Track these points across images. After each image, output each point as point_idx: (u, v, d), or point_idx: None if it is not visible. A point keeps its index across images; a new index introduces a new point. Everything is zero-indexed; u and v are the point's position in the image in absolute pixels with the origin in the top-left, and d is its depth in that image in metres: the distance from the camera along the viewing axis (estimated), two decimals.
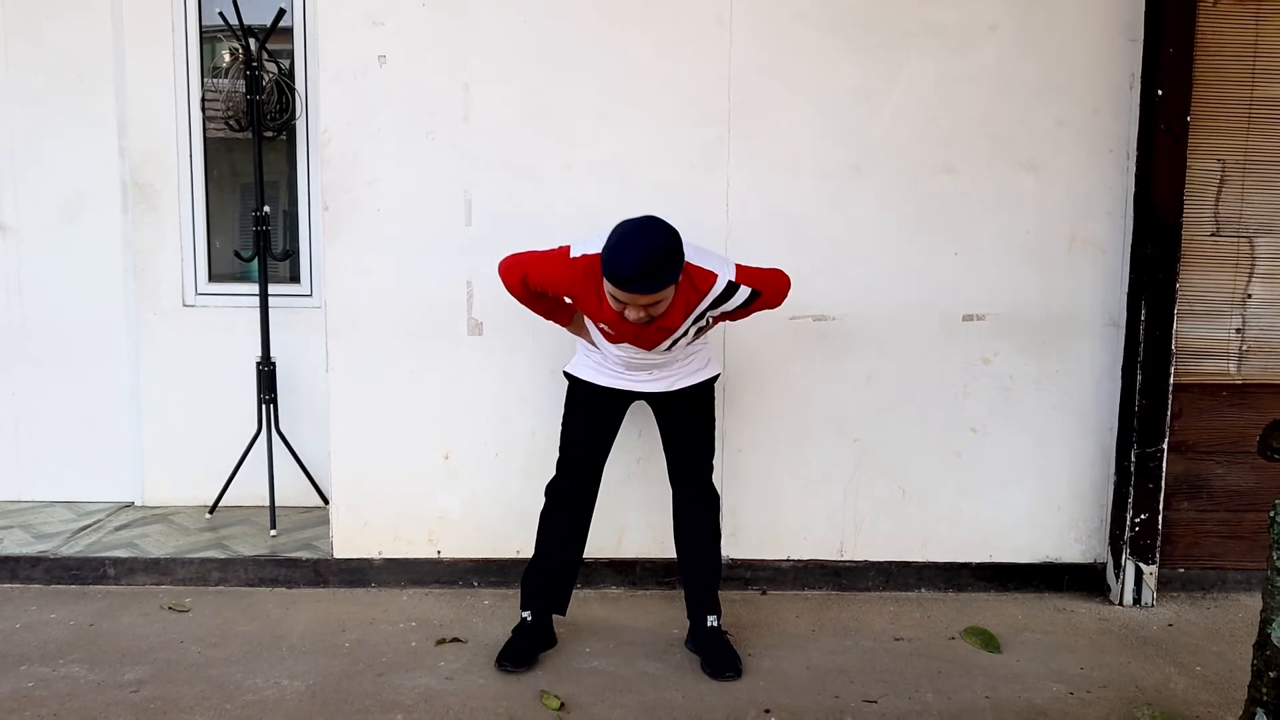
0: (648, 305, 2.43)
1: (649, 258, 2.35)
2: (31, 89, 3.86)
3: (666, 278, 2.39)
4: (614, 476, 3.32)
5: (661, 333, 2.62)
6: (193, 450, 3.98)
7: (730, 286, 2.58)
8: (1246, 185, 3.26)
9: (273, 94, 3.79)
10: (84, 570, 3.42)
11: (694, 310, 2.59)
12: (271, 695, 2.68)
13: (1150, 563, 3.31)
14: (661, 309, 2.48)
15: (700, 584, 2.92)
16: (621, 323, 2.56)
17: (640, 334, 2.62)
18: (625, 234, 2.41)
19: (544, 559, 2.92)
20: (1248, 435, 3.32)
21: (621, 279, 2.37)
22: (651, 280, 2.37)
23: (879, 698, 2.71)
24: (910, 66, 3.23)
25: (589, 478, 2.90)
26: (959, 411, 3.37)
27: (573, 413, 2.90)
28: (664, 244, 2.39)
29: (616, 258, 2.38)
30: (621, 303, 2.44)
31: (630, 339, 2.66)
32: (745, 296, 2.61)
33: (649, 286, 2.37)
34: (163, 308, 3.95)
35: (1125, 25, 3.23)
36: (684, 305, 2.56)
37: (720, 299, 2.59)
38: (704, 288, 2.56)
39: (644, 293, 2.39)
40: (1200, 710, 2.65)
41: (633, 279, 2.36)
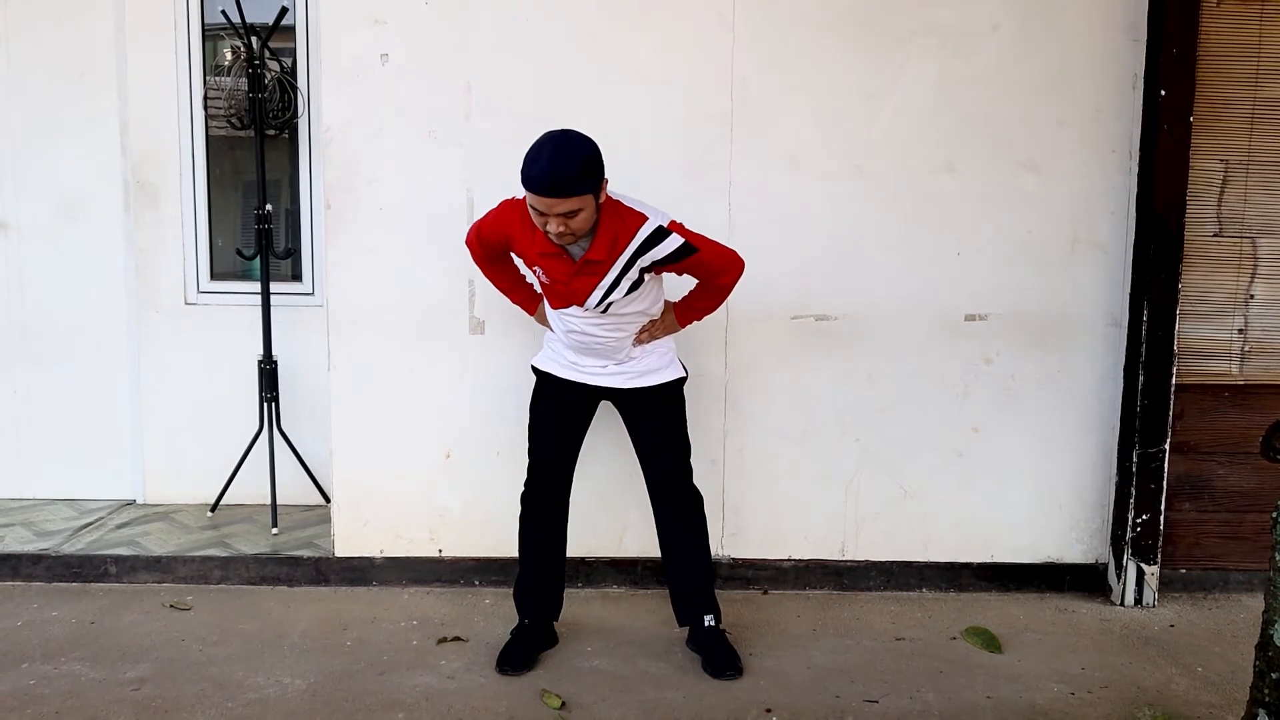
0: (565, 215, 2.43)
1: (561, 162, 2.37)
2: (33, 87, 3.86)
3: (580, 185, 2.39)
4: (614, 476, 3.33)
5: (592, 273, 2.58)
6: (194, 448, 3.98)
7: (659, 231, 2.54)
8: (1249, 186, 3.26)
9: (275, 92, 3.79)
10: (85, 568, 3.42)
11: (622, 251, 2.55)
12: (273, 694, 2.68)
13: (1152, 563, 3.31)
14: (582, 224, 2.46)
15: (691, 586, 2.90)
16: (554, 260, 2.56)
17: (573, 278, 2.59)
18: (543, 140, 2.44)
19: (529, 569, 2.92)
20: (1250, 436, 3.32)
21: (535, 181, 2.39)
22: (561, 184, 2.37)
23: (880, 697, 2.71)
24: (912, 66, 3.23)
25: (559, 478, 2.89)
26: (960, 411, 3.37)
27: (537, 409, 2.90)
28: (578, 147, 2.42)
29: (531, 161, 2.41)
30: (543, 216, 2.45)
31: (565, 284, 2.62)
32: (676, 246, 2.56)
33: (560, 191, 2.38)
34: (164, 306, 3.95)
35: (1128, 25, 3.22)
36: (610, 240, 2.53)
37: (648, 243, 2.55)
38: (632, 226, 2.54)
39: (556, 195, 2.39)
40: (1202, 711, 2.65)
41: (545, 181, 2.37)
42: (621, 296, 2.64)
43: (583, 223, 2.48)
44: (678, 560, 2.90)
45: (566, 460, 2.90)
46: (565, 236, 2.49)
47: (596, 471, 3.26)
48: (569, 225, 2.46)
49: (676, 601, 2.93)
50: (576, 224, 2.46)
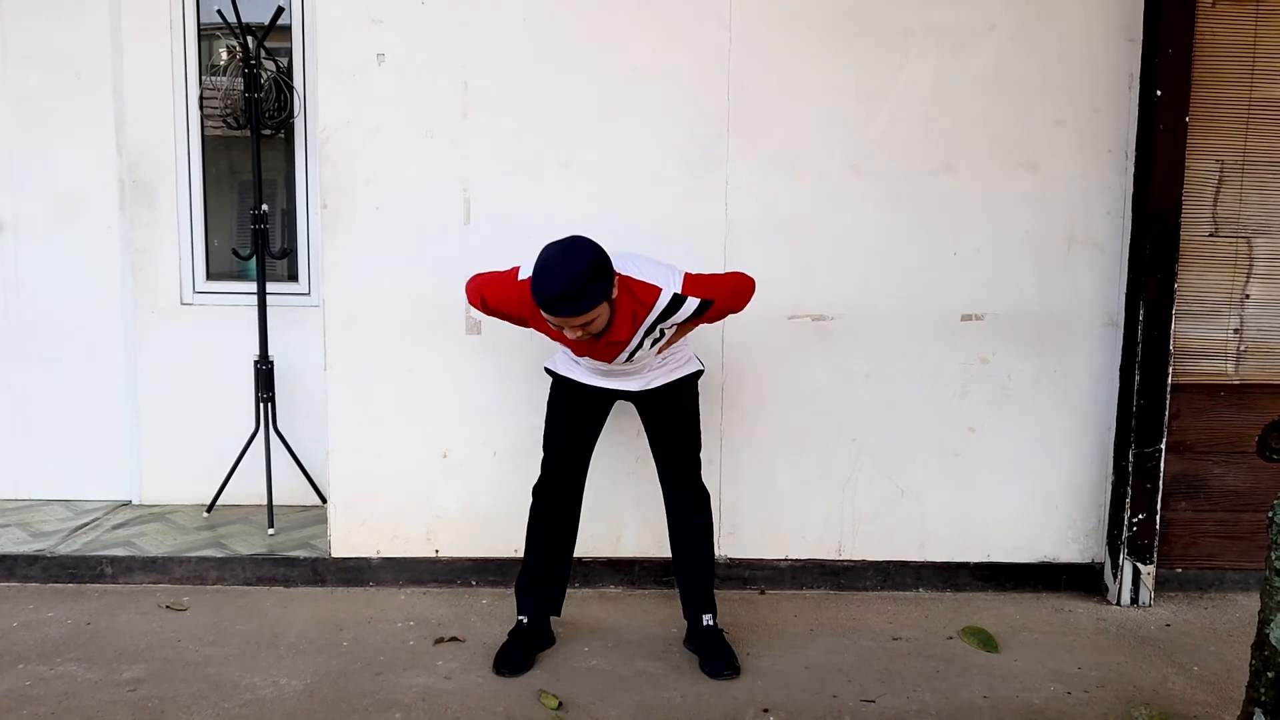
0: (581, 325, 2.44)
1: (570, 282, 2.35)
2: (29, 87, 3.85)
3: (590, 299, 2.38)
4: (612, 476, 3.33)
5: (614, 347, 2.64)
6: (190, 449, 3.97)
7: (676, 299, 2.55)
8: (1245, 186, 3.27)
9: (271, 92, 3.78)
10: (81, 569, 3.41)
11: (642, 323, 2.58)
12: (269, 694, 2.67)
13: (1148, 562, 3.31)
14: (598, 326, 2.48)
15: (694, 583, 2.92)
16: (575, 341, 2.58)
17: (595, 348, 2.64)
18: (547, 259, 2.41)
19: (534, 562, 2.92)
20: (1245, 435, 3.32)
21: (546, 304, 2.39)
22: (574, 303, 2.37)
23: (877, 697, 2.71)
24: (909, 66, 3.24)
25: (573, 476, 2.91)
26: (957, 411, 3.37)
27: (554, 410, 2.91)
28: (584, 266, 2.37)
29: (539, 284, 2.39)
30: (558, 324, 2.46)
31: (589, 353, 2.69)
32: (695, 307, 2.57)
33: (573, 310, 2.38)
34: (160, 306, 3.94)
35: (1124, 25, 3.23)
36: (630, 318, 2.55)
37: (667, 312, 2.56)
38: (648, 301, 2.54)
39: (570, 315, 2.40)
40: (1198, 710, 2.65)
41: (556, 303, 2.37)
42: (646, 350, 2.69)
43: (600, 324, 2.49)
44: (687, 556, 2.92)
45: (582, 459, 2.92)
46: (585, 336, 2.50)
47: (594, 472, 3.23)
48: (587, 330, 2.47)
49: (685, 598, 2.94)
50: (594, 327, 2.48)
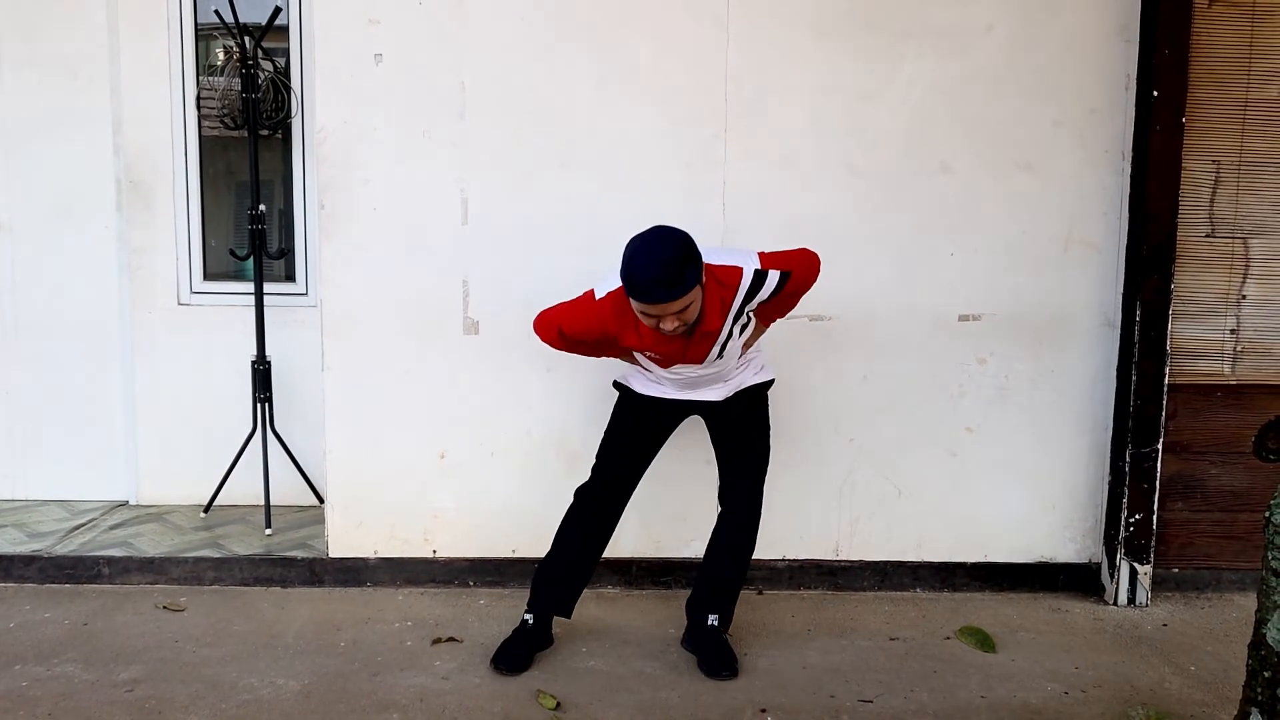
0: (678, 312, 2.43)
1: (666, 264, 2.36)
2: (26, 86, 3.85)
3: (687, 280, 2.38)
4: None
5: (707, 340, 2.61)
6: (187, 449, 3.97)
7: (758, 275, 2.56)
8: (1241, 186, 3.27)
9: (268, 92, 3.78)
10: (78, 569, 3.41)
11: (731, 308, 2.57)
12: (266, 695, 2.67)
13: (1145, 563, 3.32)
14: (693, 313, 2.48)
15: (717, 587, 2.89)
16: (667, 343, 2.56)
17: (688, 348, 2.61)
18: (638, 248, 2.42)
19: (561, 558, 2.89)
20: (1242, 435, 3.33)
21: (644, 291, 2.38)
22: (673, 286, 2.37)
23: (874, 697, 2.71)
24: (907, 67, 3.24)
25: (624, 490, 2.88)
26: (954, 411, 3.37)
27: (620, 424, 2.87)
28: (677, 247, 2.39)
29: (634, 273, 2.39)
30: (654, 317, 2.44)
31: (680, 357, 2.65)
32: (776, 281, 2.58)
33: (672, 293, 2.37)
34: (158, 306, 3.94)
35: (1121, 26, 3.23)
36: (719, 305, 2.55)
37: (752, 290, 2.57)
38: (732, 282, 2.55)
39: (669, 300, 2.38)
40: (1195, 710, 2.65)
41: (655, 287, 2.36)
42: (736, 337, 2.67)
43: (695, 311, 2.48)
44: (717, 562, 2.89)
45: (637, 475, 2.89)
46: (680, 328, 2.48)
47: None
48: (682, 319, 2.46)
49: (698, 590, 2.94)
50: (689, 315, 2.47)
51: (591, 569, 2.93)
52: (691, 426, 3.29)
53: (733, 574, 2.90)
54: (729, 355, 2.72)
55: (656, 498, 3.16)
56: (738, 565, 2.90)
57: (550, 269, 2.76)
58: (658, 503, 3.23)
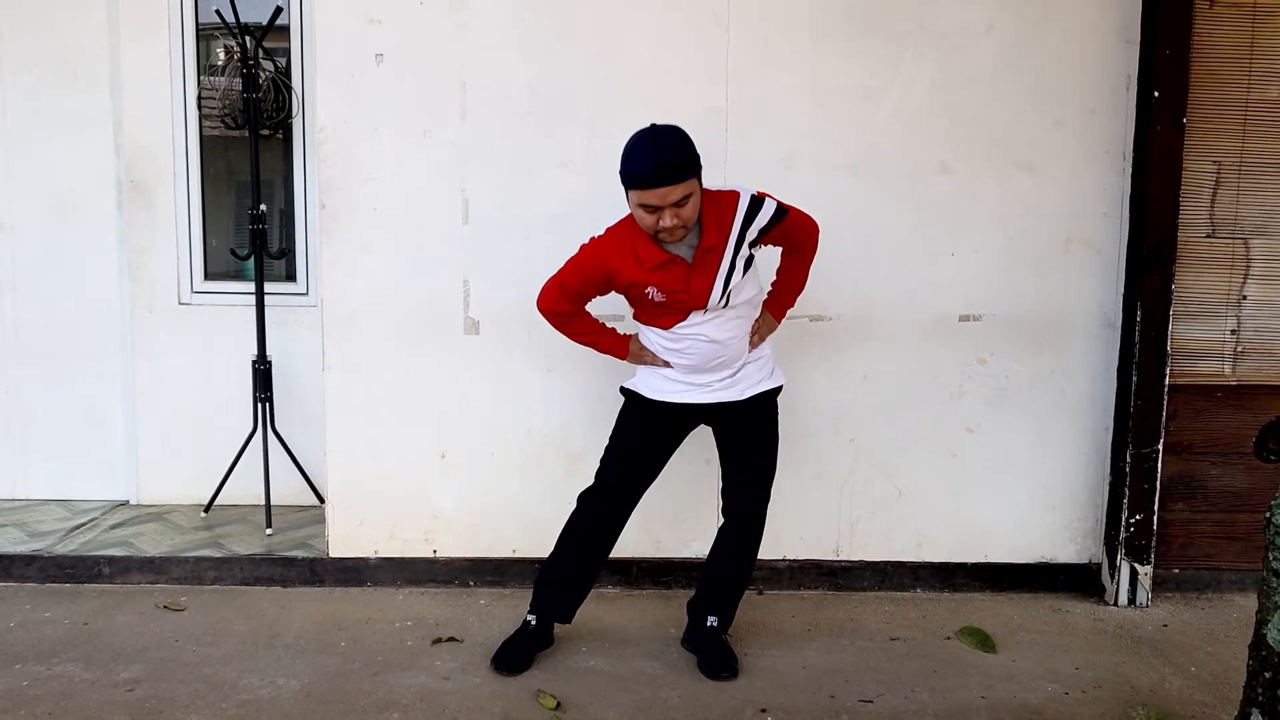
0: (677, 204, 2.46)
1: (664, 148, 2.44)
2: (26, 86, 3.85)
3: (686, 164, 2.46)
4: None
5: (709, 261, 2.59)
6: (188, 449, 3.97)
7: (755, 200, 2.61)
8: (1242, 187, 3.27)
9: (269, 92, 3.79)
10: (79, 569, 3.41)
11: (731, 229, 2.59)
12: (267, 694, 2.67)
13: (1145, 563, 3.32)
14: (693, 211, 2.51)
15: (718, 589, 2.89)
16: (670, 270, 2.57)
17: (691, 278, 2.60)
18: (636, 139, 2.50)
19: (563, 564, 2.87)
20: (1243, 436, 3.33)
21: (643, 172, 2.43)
22: (672, 165, 2.43)
23: (875, 697, 2.71)
24: (907, 67, 3.24)
25: (628, 499, 2.84)
26: (955, 411, 3.37)
27: (627, 434, 2.83)
28: (676, 135, 2.49)
29: (634, 157, 2.46)
30: (654, 210, 2.47)
31: (684, 288, 2.61)
32: (773, 210, 2.62)
33: (671, 174, 2.43)
34: (158, 306, 3.94)
35: (1121, 26, 3.23)
36: (716, 222, 2.58)
37: (750, 213, 2.60)
38: (729, 204, 2.60)
39: (669, 183, 2.43)
40: (1195, 710, 2.65)
41: (654, 169, 2.42)
42: (740, 280, 2.65)
43: (692, 210, 2.51)
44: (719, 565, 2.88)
45: (644, 486, 2.86)
46: (677, 231, 2.51)
47: (591, 471, 3.24)
48: (680, 216, 2.49)
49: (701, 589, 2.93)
50: (687, 212, 2.50)
51: (595, 575, 2.91)
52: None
53: (735, 576, 2.89)
54: (736, 313, 2.69)
55: (657, 498, 3.15)
56: (740, 569, 2.89)
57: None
58: (658, 503, 3.22)
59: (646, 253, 2.58)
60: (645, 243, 2.58)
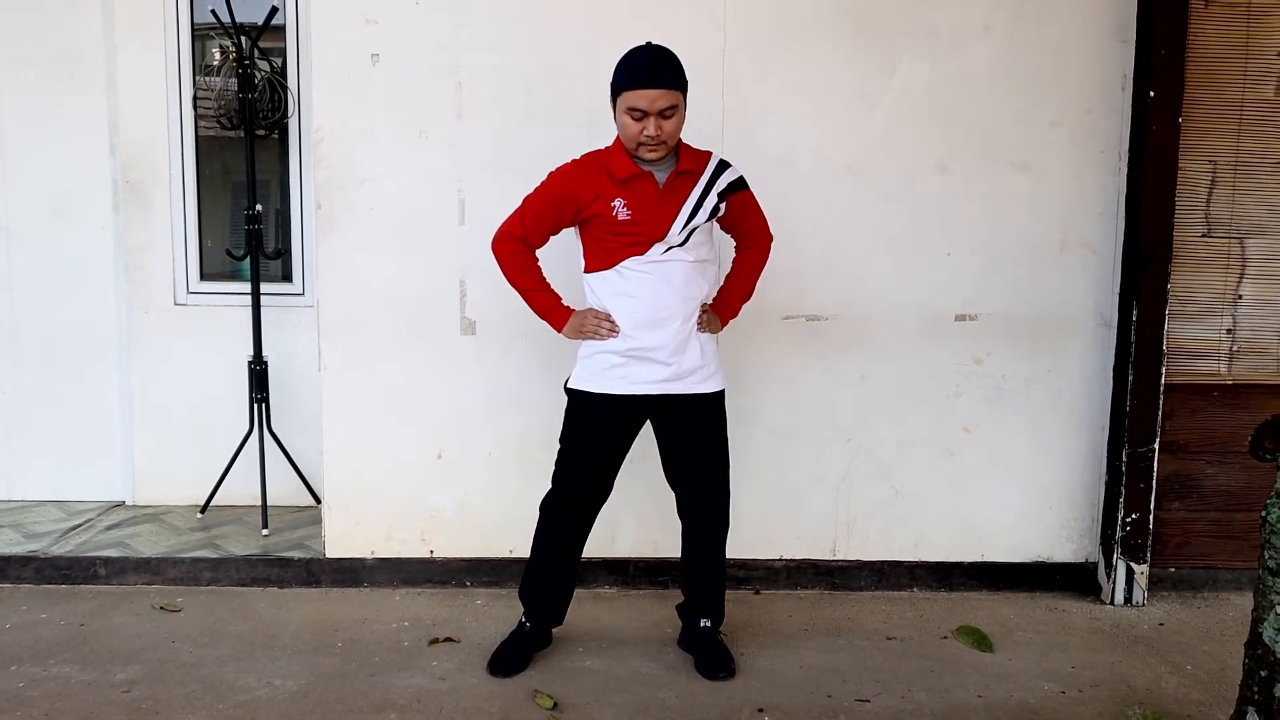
0: (664, 112, 2.53)
1: (661, 53, 2.56)
2: (22, 86, 3.85)
3: (679, 76, 2.57)
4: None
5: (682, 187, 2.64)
6: (184, 449, 3.97)
7: (722, 163, 2.73)
8: (1237, 186, 3.28)
9: (265, 92, 3.78)
10: (75, 570, 3.40)
11: (701, 174, 2.68)
12: (264, 695, 2.67)
13: (1141, 562, 3.32)
14: (677, 125, 2.59)
15: (702, 589, 2.87)
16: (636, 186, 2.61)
17: (660, 199, 2.62)
18: (633, 49, 2.60)
19: (539, 577, 2.86)
20: (1239, 435, 3.33)
21: (641, 73, 2.52)
22: (667, 70, 2.54)
23: (872, 697, 2.71)
24: (904, 67, 3.24)
25: (592, 501, 2.79)
26: (951, 411, 3.37)
27: (577, 433, 2.75)
28: (670, 51, 2.60)
29: (631, 61, 2.56)
30: (640, 114, 2.53)
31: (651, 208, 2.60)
32: (736, 176, 2.74)
33: (665, 77, 2.53)
34: (154, 306, 3.93)
35: (1117, 26, 3.24)
36: (692, 157, 2.69)
37: (717, 172, 2.71)
38: (704, 155, 2.73)
39: (661, 85, 2.52)
40: (1191, 709, 2.66)
41: (650, 66, 2.52)
42: (703, 221, 2.68)
43: (675, 126, 2.59)
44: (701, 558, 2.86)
45: (603, 487, 2.79)
46: (658, 146, 2.58)
47: None
48: (664, 128, 2.56)
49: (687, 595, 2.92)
50: (670, 126, 2.57)
51: (573, 578, 2.89)
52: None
53: (714, 575, 2.86)
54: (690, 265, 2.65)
55: (654, 498, 3.15)
56: (717, 566, 2.86)
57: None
58: (655, 503, 3.22)
59: (618, 164, 2.63)
60: (619, 156, 2.64)
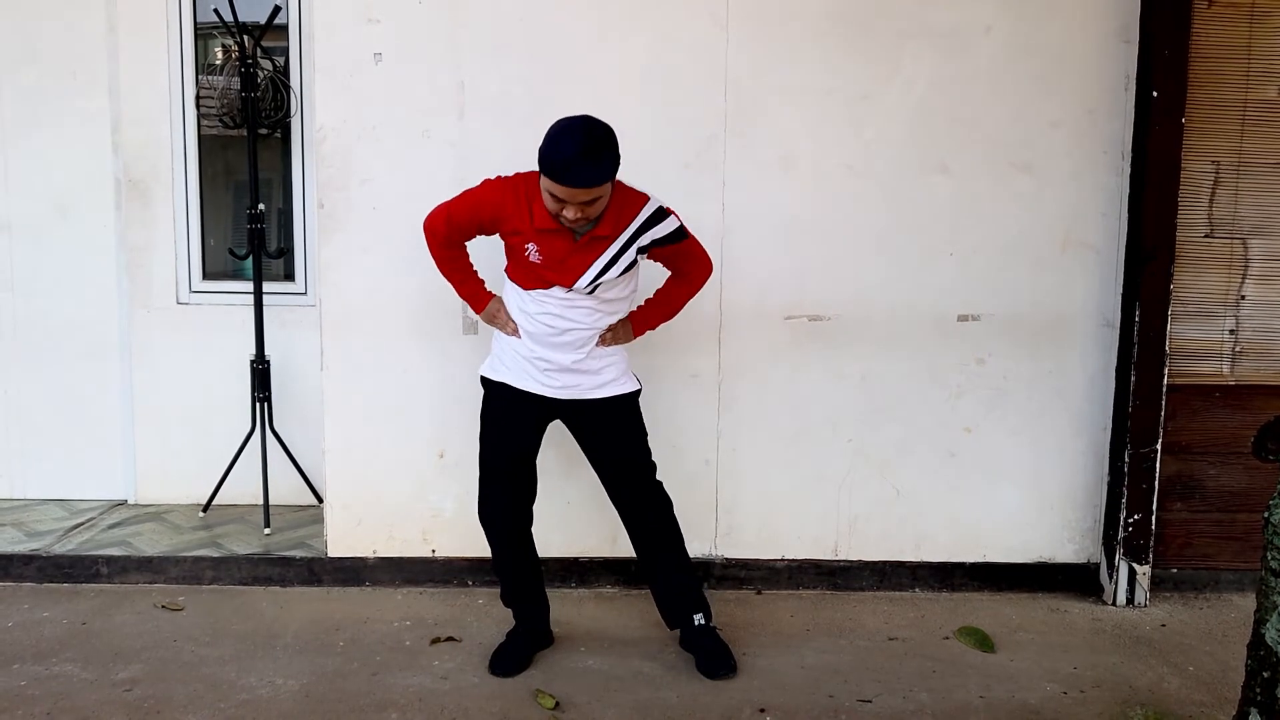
0: (585, 203, 2.43)
1: (591, 146, 2.36)
2: (24, 85, 3.85)
3: (608, 164, 2.40)
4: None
5: (592, 249, 2.57)
6: (186, 448, 3.97)
7: (659, 212, 2.61)
8: (1240, 187, 3.27)
9: (267, 91, 3.78)
10: (77, 569, 3.41)
11: (625, 230, 2.58)
12: (265, 694, 2.67)
13: (1144, 563, 3.32)
14: (598, 209, 2.49)
15: (678, 587, 2.87)
16: (555, 238, 2.54)
17: (572, 252, 2.57)
18: (565, 124, 2.42)
19: (507, 586, 2.90)
20: (1241, 436, 3.33)
21: (563, 169, 2.36)
22: (595, 163, 2.37)
23: (873, 697, 2.71)
24: (906, 67, 3.24)
25: (520, 493, 2.81)
26: (953, 412, 3.37)
27: (489, 420, 2.80)
28: (604, 135, 2.42)
29: (559, 144, 2.37)
30: (560, 201, 2.44)
31: (562, 259, 2.58)
32: (674, 228, 2.63)
33: (593, 172, 2.38)
34: (156, 305, 3.93)
35: (1120, 27, 3.23)
36: (615, 216, 2.56)
37: (649, 223, 2.60)
38: (636, 205, 2.59)
39: (585, 185, 2.38)
40: (1193, 710, 2.66)
41: (576, 166, 2.35)
42: (614, 277, 2.63)
43: (598, 209, 2.50)
44: (660, 565, 2.87)
45: (525, 472, 2.82)
46: (579, 221, 2.50)
47: (590, 473, 3.23)
48: (585, 212, 2.47)
49: (663, 606, 2.91)
50: (592, 211, 2.48)
51: (539, 581, 2.91)
52: (685, 425, 3.30)
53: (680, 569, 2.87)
54: (595, 304, 2.66)
55: None
56: (679, 560, 2.86)
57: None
58: None
59: (540, 212, 2.54)
60: (542, 203, 2.53)
